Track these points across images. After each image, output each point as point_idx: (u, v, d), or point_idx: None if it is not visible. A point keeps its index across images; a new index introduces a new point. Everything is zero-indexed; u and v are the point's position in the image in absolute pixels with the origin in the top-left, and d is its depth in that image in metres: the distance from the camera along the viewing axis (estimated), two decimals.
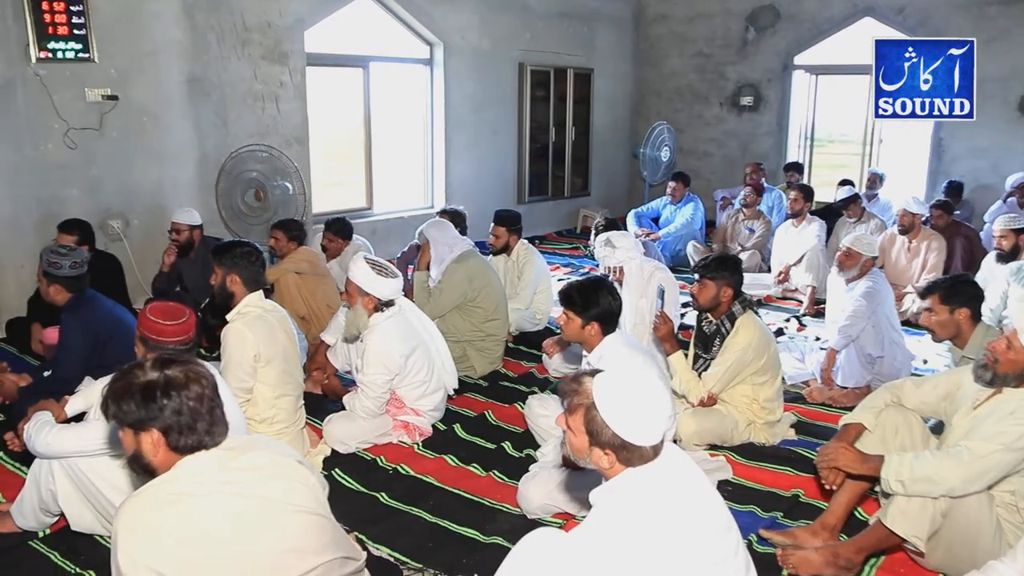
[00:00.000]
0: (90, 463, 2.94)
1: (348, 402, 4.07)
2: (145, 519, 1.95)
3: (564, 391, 2.16)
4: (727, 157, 10.86)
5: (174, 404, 2.00)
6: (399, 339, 3.96)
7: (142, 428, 2.02)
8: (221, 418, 2.07)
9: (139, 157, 6.43)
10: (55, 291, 3.93)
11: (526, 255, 5.85)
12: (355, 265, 3.94)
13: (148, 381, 2.02)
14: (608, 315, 3.44)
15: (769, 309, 6.69)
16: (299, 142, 7.41)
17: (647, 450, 2.06)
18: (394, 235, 8.45)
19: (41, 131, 5.88)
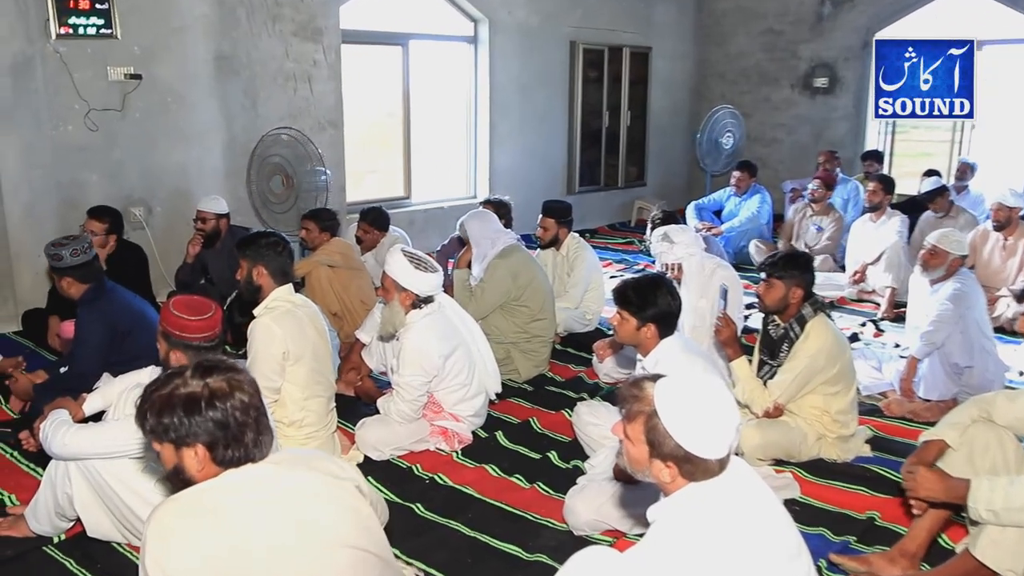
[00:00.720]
0: (109, 466, 2.99)
1: (383, 405, 4.09)
2: (179, 527, 1.96)
3: (623, 396, 2.14)
4: (798, 144, 10.70)
5: (219, 416, 2.00)
6: (438, 338, 3.97)
7: (185, 444, 2.03)
8: (267, 427, 2.08)
9: (163, 140, 6.54)
10: (67, 284, 4.02)
11: (576, 250, 5.83)
12: (392, 258, 3.95)
13: (190, 393, 2.02)
14: (666, 316, 3.40)
15: (843, 312, 6.58)
16: (333, 125, 7.47)
17: (713, 463, 2.03)
18: (433, 227, 8.49)
19: (61, 112, 6.01)
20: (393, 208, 7.77)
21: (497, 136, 9.15)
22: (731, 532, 1.98)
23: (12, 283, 5.94)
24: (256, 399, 2.07)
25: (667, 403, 2.04)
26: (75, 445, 2.97)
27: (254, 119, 6.96)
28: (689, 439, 2.01)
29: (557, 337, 5.56)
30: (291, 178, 6.40)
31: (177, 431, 2.01)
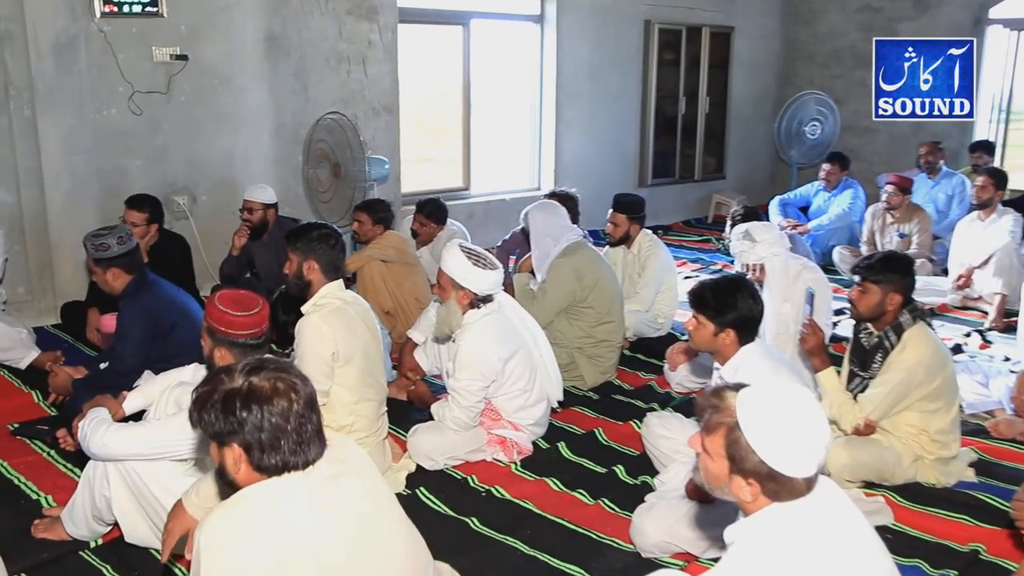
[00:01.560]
0: (149, 468, 3.07)
1: (437, 411, 4.12)
2: (236, 535, 2.01)
3: (701, 407, 2.13)
4: (896, 134, 10.47)
5: (254, 419, 2.05)
6: (497, 340, 3.98)
7: (223, 442, 2.10)
8: (314, 436, 2.10)
9: (209, 125, 6.68)
10: (113, 276, 4.12)
11: (649, 248, 5.80)
12: (449, 254, 3.98)
13: (230, 390, 2.08)
14: (747, 321, 3.37)
15: (945, 321, 6.45)
16: (388, 111, 7.55)
17: (799, 483, 2.00)
18: (494, 220, 8.52)
19: (104, 94, 6.18)
20: (451, 200, 7.82)
21: (564, 124, 9.15)
22: (818, 559, 1.96)
23: (52, 274, 6.12)
24: (303, 405, 2.10)
25: (751, 415, 2.02)
26: (114, 445, 3.06)
27: (304, 103, 7.07)
28: (774, 455, 1.99)
29: (626, 342, 5.54)
30: (340, 166, 6.47)
31: (214, 427, 2.08)
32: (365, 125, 7.27)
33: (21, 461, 4.04)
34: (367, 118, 7.35)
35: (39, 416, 4.54)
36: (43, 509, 3.61)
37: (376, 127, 7.46)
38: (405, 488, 3.84)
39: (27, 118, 5.83)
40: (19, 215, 6.00)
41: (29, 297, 6.16)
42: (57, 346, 5.45)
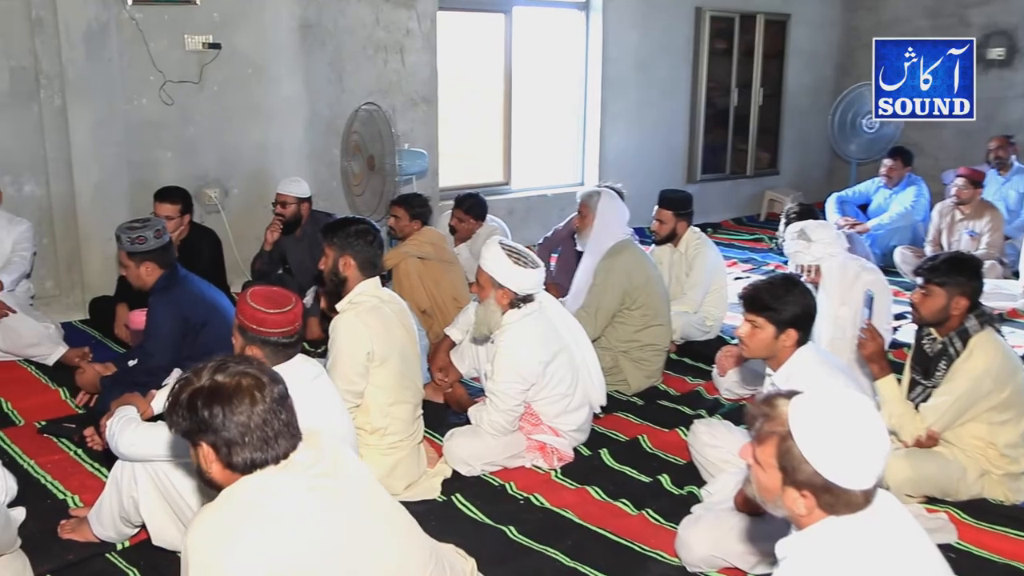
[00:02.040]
0: (178, 470, 3.11)
1: (474, 415, 4.13)
2: (222, 530, 2.06)
3: (753, 415, 2.12)
4: (964, 128, 10.29)
5: (217, 417, 2.12)
6: (538, 342, 3.98)
7: (193, 441, 2.18)
8: (282, 431, 2.15)
9: (241, 115, 6.76)
10: (147, 271, 4.17)
11: (697, 247, 5.77)
12: (489, 251, 3.99)
13: (195, 389, 2.16)
14: (807, 319, 3.34)
15: (1016, 327, 6.34)
16: (426, 102, 7.58)
17: (857, 495, 1.98)
18: (535, 216, 8.53)
19: (135, 84, 6.28)
20: (491, 195, 7.84)
21: (609, 116, 9.13)
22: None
23: (80, 268, 6.23)
24: (269, 401, 2.15)
25: (804, 423, 2.00)
26: (142, 445, 3.10)
27: (340, 94, 7.12)
28: (830, 466, 1.97)
29: (673, 345, 5.52)
30: (375, 159, 6.51)
31: (182, 427, 2.16)
32: (402, 117, 7.31)
33: (48, 460, 4.11)
34: (404, 109, 7.39)
35: (66, 414, 4.62)
36: (70, 509, 3.67)
37: (414, 119, 7.49)
38: (440, 494, 3.85)
39: (57, 108, 5.94)
40: (48, 208, 6.12)
41: (57, 291, 6.27)
42: (85, 342, 5.53)
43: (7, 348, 5.23)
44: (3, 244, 5.46)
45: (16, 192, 5.96)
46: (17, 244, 5.47)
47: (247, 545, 2.04)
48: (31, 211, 5.95)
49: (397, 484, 3.76)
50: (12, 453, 4.17)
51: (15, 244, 5.47)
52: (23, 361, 5.27)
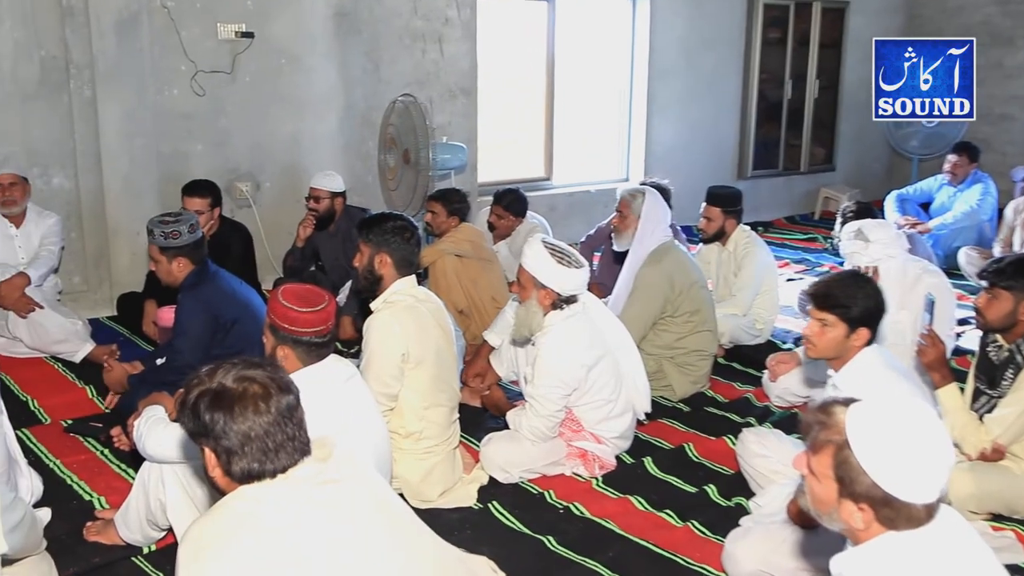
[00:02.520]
0: None
1: (513, 420, 4.13)
2: (216, 538, 2.07)
3: (808, 423, 2.10)
4: None
5: (219, 423, 2.12)
6: (580, 345, 3.97)
7: (198, 443, 2.20)
8: (284, 443, 2.15)
9: (274, 107, 6.81)
10: (179, 267, 4.20)
11: (746, 246, 5.74)
12: (530, 249, 3.98)
13: (202, 391, 2.17)
14: (878, 317, 3.31)
15: None
16: (465, 93, 7.60)
17: (918, 509, 1.96)
18: (578, 213, 8.52)
19: (166, 74, 6.35)
20: (532, 190, 7.83)
21: (656, 109, 9.09)
22: None
23: (108, 263, 6.31)
24: (274, 411, 2.14)
25: (863, 432, 1.98)
26: (170, 447, 3.13)
27: (376, 84, 7.15)
28: (889, 477, 1.94)
29: (720, 349, 5.49)
30: (410, 152, 6.53)
31: (187, 427, 2.18)
32: (440, 109, 7.33)
33: (74, 460, 4.18)
34: (443, 101, 7.41)
35: (93, 413, 4.69)
36: (96, 511, 3.72)
37: (452, 111, 7.51)
38: (476, 502, 3.86)
39: (87, 98, 6.02)
40: (76, 201, 6.20)
41: (85, 287, 6.36)
42: (113, 339, 5.61)
43: (34, 344, 5.32)
44: (31, 238, 5.55)
45: (45, 185, 6.05)
46: (45, 238, 5.55)
47: (237, 556, 2.04)
48: (60, 205, 6.04)
49: (432, 490, 3.78)
50: (38, 452, 4.24)
51: (43, 238, 5.55)
52: (49, 358, 5.36)
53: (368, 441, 3.06)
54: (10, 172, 5.44)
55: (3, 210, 5.45)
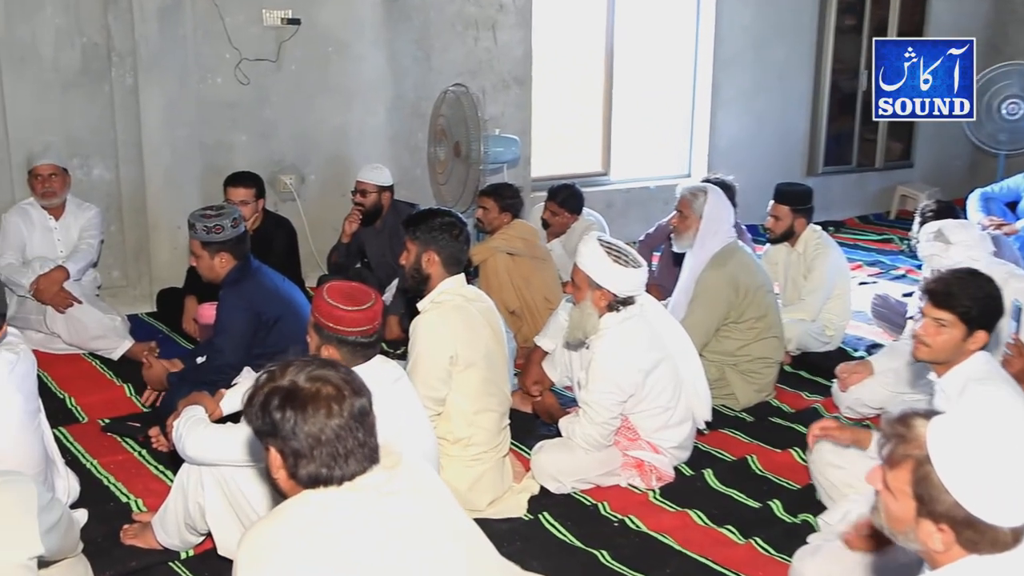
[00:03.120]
0: (247, 477, 3.17)
1: (566, 427, 4.13)
2: (274, 544, 2.08)
3: (884, 435, 2.07)
4: None
5: (288, 423, 2.13)
6: (638, 349, 3.96)
7: (264, 443, 2.21)
8: (355, 449, 2.16)
9: (320, 96, 6.88)
10: (221, 262, 4.26)
11: (817, 247, 5.68)
12: (586, 248, 3.97)
13: (273, 388, 2.18)
14: (997, 318, 3.29)
15: None
16: (519, 83, 7.60)
17: (1004, 533, 1.91)
18: (636, 211, 8.49)
19: (209, 62, 6.43)
20: (588, 186, 7.83)
21: (721, 100, 9.03)
22: None
23: (148, 257, 6.41)
24: (346, 415, 2.15)
25: (945, 446, 1.94)
26: (211, 448, 3.18)
27: (426, 73, 7.19)
28: (973, 497, 1.90)
29: (787, 356, 5.45)
30: (461, 145, 6.54)
31: (255, 424, 2.19)
32: (493, 99, 7.34)
33: (111, 460, 4.25)
34: (496, 91, 7.42)
35: (131, 412, 4.77)
36: (133, 514, 3.79)
37: (505, 102, 7.52)
38: (527, 513, 3.86)
39: (129, 87, 6.11)
40: (117, 193, 6.30)
41: (124, 282, 6.46)
42: (152, 336, 5.71)
43: (71, 341, 5.42)
44: (71, 230, 5.66)
45: (85, 176, 6.15)
46: (85, 231, 5.66)
47: (298, 563, 2.06)
48: (99, 196, 6.14)
49: (480, 499, 3.79)
50: (75, 452, 4.32)
51: (82, 231, 5.66)
52: (87, 355, 5.46)
53: (417, 446, 3.08)
54: (50, 162, 5.53)
55: (42, 201, 5.56)
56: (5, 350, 3.27)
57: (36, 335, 5.38)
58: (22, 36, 5.84)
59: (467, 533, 2.41)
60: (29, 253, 5.54)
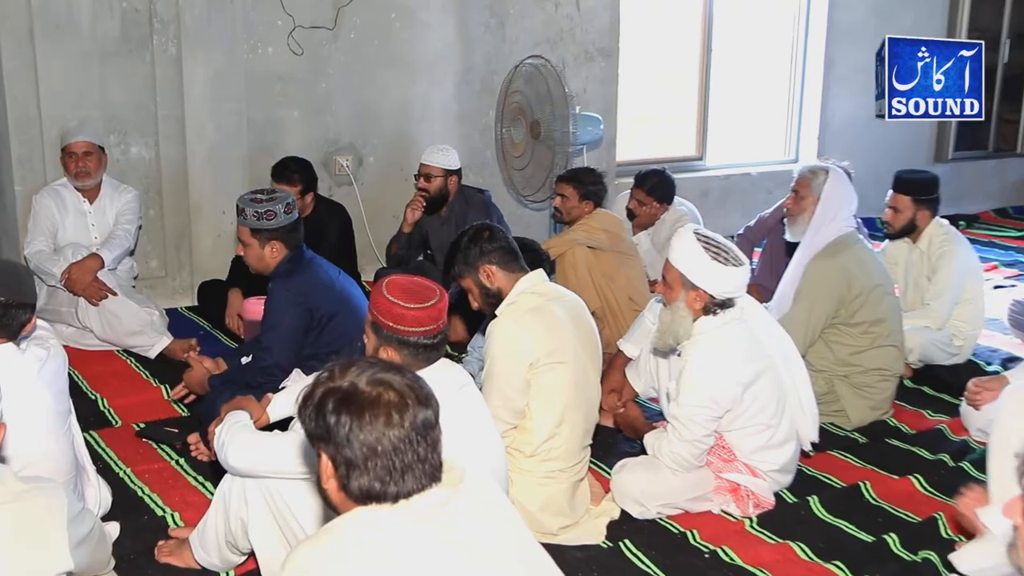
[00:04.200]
0: (296, 491, 3.20)
1: (651, 444, 4.11)
2: (320, 565, 2.10)
3: None
4: None
5: (342, 428, 2.13)
6: (737, 358, 3.92)
7: (316, 448, 2.22)
8: (414, 464, 2.15)
9: (382, 69, 6.93)
10: (272, 252, 4.31)
11: (943, 243, 5.60)
12: (679, 241, 3.95)
13: (330, 388, 2.19)
14: None
15: None
16: (604, 55, 7.59)
17: None
18: (735, 201, 8.45)
19: (260, 30, 6.52)
20: (680, 171, 7.81)
21: (835, 77, 8.96)
22: None
23: (189, 245, 6.51)
24: (408, 425, 2.14)
25: None
26: (256, 458, 3.21)
27: (500, 44, 7.21)
28: None
29: (907, 369, 5.38)
30: (539, 125, 6.55)
31: (308, 427, 2.20)
32: (574, 73, 7.34)
33: (146, 469, 4.32)
34: (577, 64, 7.42)
35: (169, 416, 4.85)
36: (169, 529, 3.85)
37: (588, 76, 7.51)
38: (605, 539, 3.87)
39: (172, 57, 6.20)
40: (157, 174, 6.39)
41: (163, 272, 6.57)
42: (192, 333, 5.80)
43: (106, 336, 5.51)
44: (106, 215, 5.75)
45: (122, 155, 6.25)
46: (121, 215, 5.75)
47: None
48: (137, 177, 6.24)
49: (552, 522, 3.80)
50: (107, 459, 4.40)
51: (119, 216, 5.75)
52: (122, 352, 5.57)
53: (483, 461, 3.09)
54: (85, 140, 5.63)
55: (76, 183, 5.65)
56: (35, 345, 3.35)
57: (67, 329, 5.48)
58: (57, 2, 5.92)
59: (536, 561, 2.39)
60: (61, 239, 5.64)
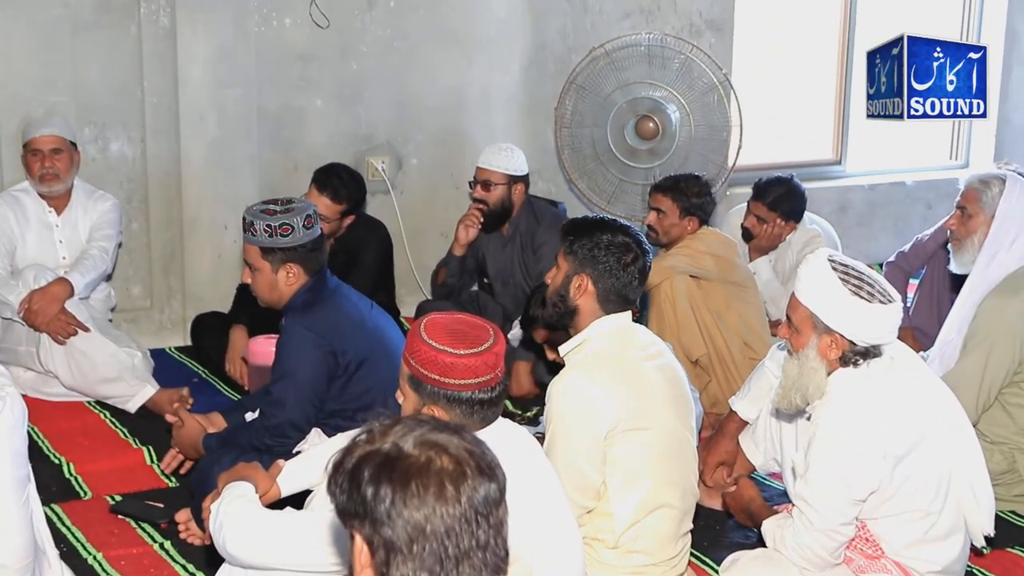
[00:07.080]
0: None
1: (772, 532, 4.06)
2: None
3: None
4: None
5: (383, 503, 2.07)
6: (886, 424, 3.87)
7: (348, 526, 2.16)
8: (471, 554, 2.09)
9: (427, 48, 6.95)
10: (287, 277, 4.29)
11: None
12: (810, 270, 3.91)
13: (368, 452, 2.13)
14: None
15: None
16: (715, 29, 7.59)
17: None
18: (883, 218, 8.40)
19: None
20: (812, 180, 7.77)
21: (1017, 59, 8.88)
22: None
23: (182, 268, 6.54)
24: (466, 501, 2.08)
25: None
26: (262, 543, 3.19)
27: (580, 17, 7.22)
28: None
29: None
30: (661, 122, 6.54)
31: (338, 501, 2.13)
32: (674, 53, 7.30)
33: (122, 554, 4.30)
34: (679, 41, 7.39)
35: (152, 487, 4.85)
36: None
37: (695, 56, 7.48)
38: None
39: (164, 30, 6.26)
40: (142, 176, 6.43)
41: (147, 303, 6.60)
42: (184, 381, 5.81)
43: (73, 384, 5.49)
44: (78, 228, 5.75)
45: (100, 153, 6.30)
46: (97, 230, 5.74)
47: None
48: (118, 182, 6.28)
49: None
50: (73, 540, 4.39)
51: (93, 230, 5.74)
52: (94, 403, 5.56)
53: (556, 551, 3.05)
54: (53, 133, 5.61)
55: (40, 187, 5.64)
56: None
57: (26, 374, 5.50)
58: None
59: None
60: (20, 259, 5.64)
